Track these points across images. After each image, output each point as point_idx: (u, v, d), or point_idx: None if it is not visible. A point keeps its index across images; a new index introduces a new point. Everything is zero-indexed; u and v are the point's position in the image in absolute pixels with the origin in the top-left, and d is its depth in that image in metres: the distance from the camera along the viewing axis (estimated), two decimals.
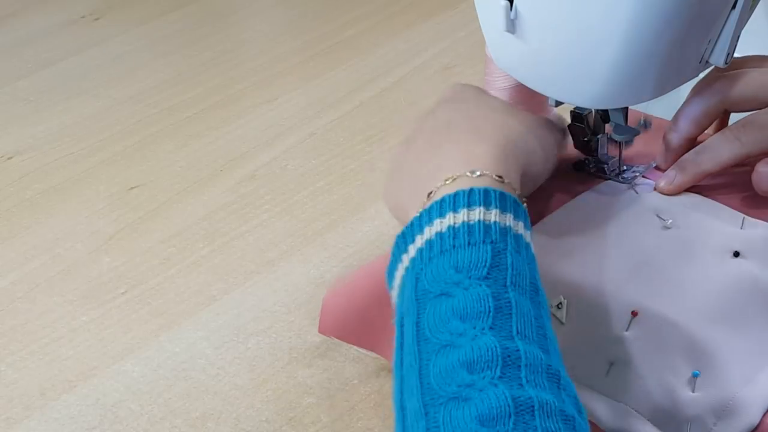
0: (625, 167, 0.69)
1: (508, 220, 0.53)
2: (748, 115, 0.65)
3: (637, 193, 0.67)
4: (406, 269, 0.54)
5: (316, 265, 0.86)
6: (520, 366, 0.46)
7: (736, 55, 0.64)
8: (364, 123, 1.08)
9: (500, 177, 0.55)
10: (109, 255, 0.90)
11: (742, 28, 0.63)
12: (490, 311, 0.48)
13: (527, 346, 0.47)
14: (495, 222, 0.52)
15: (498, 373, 0.45)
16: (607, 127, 0.69)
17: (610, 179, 0.69)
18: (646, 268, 0.61)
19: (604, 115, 0.68)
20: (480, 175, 0.55)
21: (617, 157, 0.70)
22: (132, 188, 1.00)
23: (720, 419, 0.57)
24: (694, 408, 0.57)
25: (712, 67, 0.64)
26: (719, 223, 0.64)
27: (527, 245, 0.53)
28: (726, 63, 0.63)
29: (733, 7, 0.61)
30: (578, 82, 0.63)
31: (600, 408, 0.59)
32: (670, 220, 0.64)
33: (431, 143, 0.60)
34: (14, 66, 1.28)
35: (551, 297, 0.57)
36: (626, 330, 0.59)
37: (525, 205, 0.55)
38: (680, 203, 0.66)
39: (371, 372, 0.73)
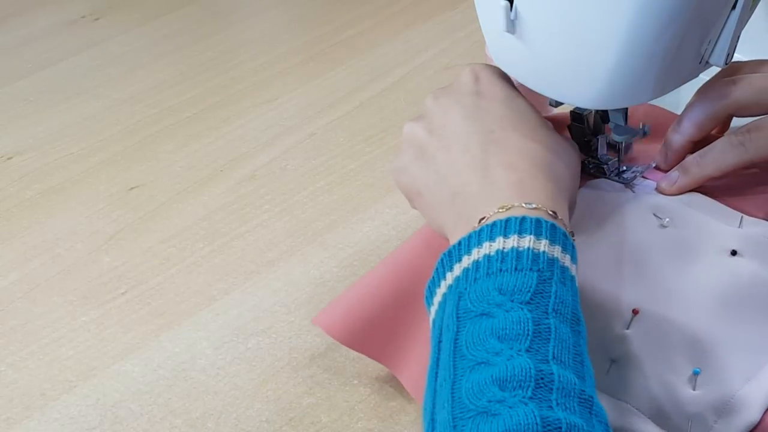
0: (624, 167, 0.69)
1: (557, 252, 0.53)
2: (754, 121, 0.65)
3: (634, 192, 0.67)
4: (449, 287, 0.54)
5: (316, 265, 0.86)
6: (552, 389, 0.46)
7: (735, 56, 0.64)
8: (364, 123, 1.08)
9: (554, 213, 0.56)
10: (109, 255, 0.90)
11: (742, 29, 0.63)
12: (528, 334, 0.49)
13: (562, 370, 0.47)
14: (543, 252, 0.53)
15: (529, 393, 0.45)
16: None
17: (609, 179, 0.69)
18: (644, 266, 0.61)
19: (603, 116, 0.68)
20: (535, 208, 0.56)
21: (617, 158, 0.70)
22: (132, 188, 1.00)
23: (720, 417, 0.57)
24: (695, 406, 0.57)
25: (713, 67, 0.65)
26: (717, 222, 0.64)
27: (572, 278, 0.54)
28: (726, 63, 0.63)
29: (733, 7, 0.61)
30: (578, 83, 0.63)
31: None
32: (667, 219, 0.64)
33: (476, 157, 0.60)
34: (14, 66, 1.27)
35: None
36: (627, 328, 0.59)
37: (574, 240, 0.56)
38: (678, 202, 0.66)
39: (371, 372, 0.73)
